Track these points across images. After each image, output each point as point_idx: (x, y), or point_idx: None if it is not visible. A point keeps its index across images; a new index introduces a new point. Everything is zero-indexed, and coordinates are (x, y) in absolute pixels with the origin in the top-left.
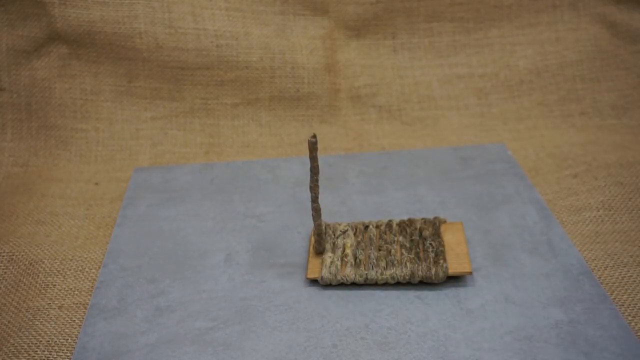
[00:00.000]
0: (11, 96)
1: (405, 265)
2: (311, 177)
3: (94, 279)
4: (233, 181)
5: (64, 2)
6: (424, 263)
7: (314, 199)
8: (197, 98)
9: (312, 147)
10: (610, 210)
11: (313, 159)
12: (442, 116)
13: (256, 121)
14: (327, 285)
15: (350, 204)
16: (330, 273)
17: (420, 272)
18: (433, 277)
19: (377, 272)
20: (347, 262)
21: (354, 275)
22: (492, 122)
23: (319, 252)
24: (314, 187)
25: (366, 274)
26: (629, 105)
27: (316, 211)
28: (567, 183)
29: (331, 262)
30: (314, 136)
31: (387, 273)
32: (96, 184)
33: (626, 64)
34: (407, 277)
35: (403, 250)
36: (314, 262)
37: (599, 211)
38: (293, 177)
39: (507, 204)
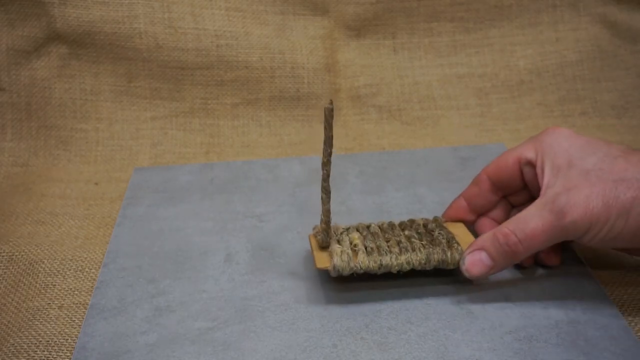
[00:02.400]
0: (11, 96)
1: (420, 250)
2: (324, 150)
3: (94, 279)
4: (233, 181)
5: (64, 2)
6: (437, 247)
7: (325, 178)
8: (197, 98)
9: (329, 114)
10: None
11: (328, 127)
12: (442, 116)
13: (256, 121)
14: (338, 275)
15: (350, 204)
16: (342, 261)
17: (435, 256)
18: (449, 260)
19: (391, 257)
20: (358, 250)
21: (368, 262)
22: (492, 122)
23: (325, 244)
24: (326, 163)
25: (380, 259)
26: (629, 105)
27: (326, 193)
28: None
29: (342, 252)
30: (331, 102)
31: (402, 258)
32: (96, 184)
33: (626, 64)
34: (423, 262)
35: (413, 239)
36: (320, 254)
37: None
38: (293, 177)
39: None
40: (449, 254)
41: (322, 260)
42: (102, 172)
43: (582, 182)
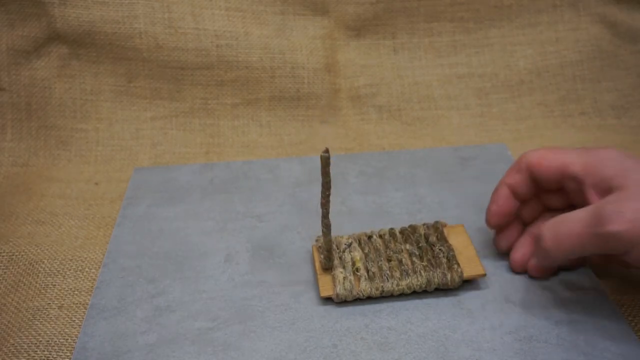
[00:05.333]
0: (11, 96)
1: (420, 274)
2: (322, 192)
3: (94, 279)
4: (233, 181)
5: (64, 2)
6: (438, 269)
7: (325, 215)
8: (197, 98)
9: (325, 162)
10: None
11: (325, 174)
12: (442, 116)
13: (256, 121)
14: (342, 302)
15: (350, 204)
16: (345, 289)
17: (436, 279)
18: (449, 283)
19: (392, 283)
20: (360, 276)
21: (370, 289)
22: (492, 122)
23: (328, 267)
24: (325, 204)
25: (382, 286)
26: (629, 105)
27: (327, 227)
28: None
29: (344, 278)
30: (327, 151)
31: (403, 283)
32: (96, 184)
33: (626, 64)
34: (424, 286)
35: (414, 259)
36: (324, 279)
37: None
38: (293, 177)
39: None
40: (449, 276)
41: (326, 289)
42: (102, 172)
43: (635, 194)
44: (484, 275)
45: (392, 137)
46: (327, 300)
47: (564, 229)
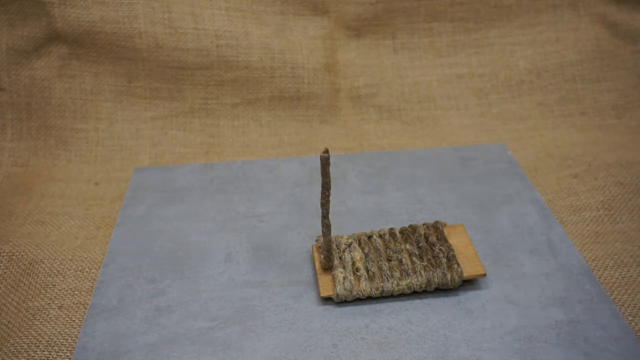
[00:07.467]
0: (11, 96)
1: (420, 274)
2: (322, 192)
3: (94, 279)
4: (233, 181)
5: (64, 2)
6: (438, 269)
7: (325, 215)
8: (197, 98)
9: (325, 162)
10: (610, 210)
11: (325, 174)
12: (442, 116)
13: (256, 121)
14: (342, 302)
15: (350, 204)
16: (345, 289)
17: (436, 279)
18: (449, 283)
19: (392, 283)
20: (360, 275)
21: (370, 289)
22: (492, 122)
23: (327, 267)
24: (325, 204)
25: (382, 286)
26: (629, 105)
27: (327, 227)
28: (567, 183)
29: (344, 278)
30: (327, 151)
31: (403, 283)
32: (96, 184)
33: (626, 64)
34: (424, 286)
35: (414, 258)
36: (324, 279)
37: (599, 211)
38: (293, 177)
39: (507, 204)
40: (449, 276)
41: (326, 289)
42: (102, 172)
43: None
44: (484, 275)
45: (392, 137)
46: (327, 300)
47: None
